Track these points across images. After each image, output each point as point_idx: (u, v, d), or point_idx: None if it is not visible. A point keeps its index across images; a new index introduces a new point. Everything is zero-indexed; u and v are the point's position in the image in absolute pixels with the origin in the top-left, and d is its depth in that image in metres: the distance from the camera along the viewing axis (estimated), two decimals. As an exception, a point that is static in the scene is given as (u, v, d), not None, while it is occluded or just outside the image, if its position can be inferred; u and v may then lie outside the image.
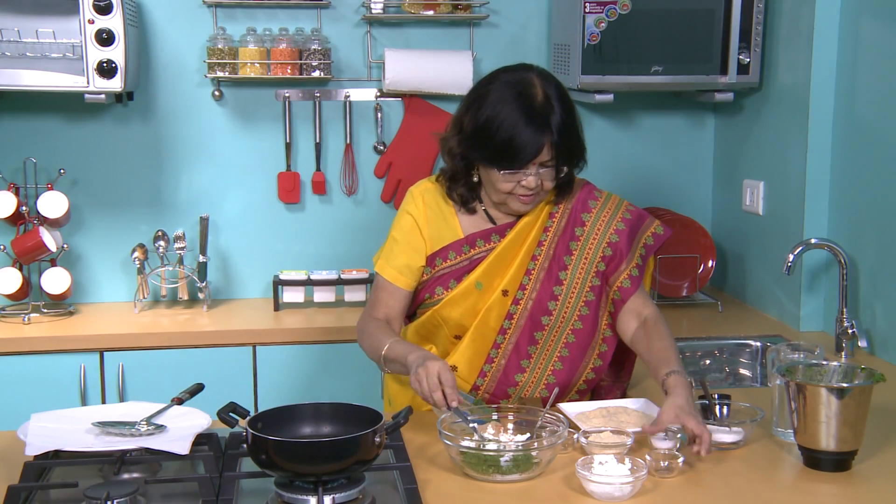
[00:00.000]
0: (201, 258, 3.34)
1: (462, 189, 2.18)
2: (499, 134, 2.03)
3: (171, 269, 3.35)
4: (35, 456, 1.83)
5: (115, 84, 3.01)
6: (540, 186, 2.09)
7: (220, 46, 3.30)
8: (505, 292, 2.18)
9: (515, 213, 2.19)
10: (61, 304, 3.32)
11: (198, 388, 2.15)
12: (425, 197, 2.23)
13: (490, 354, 2.20)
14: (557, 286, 2.18)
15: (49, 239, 3.19)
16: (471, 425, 1.91)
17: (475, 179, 2.16)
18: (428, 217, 2.21)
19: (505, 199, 2.13)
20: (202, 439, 1.93)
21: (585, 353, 2.22)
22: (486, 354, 2.20)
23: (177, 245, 3.33)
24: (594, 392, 2.32)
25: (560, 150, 2.05)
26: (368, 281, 3.34)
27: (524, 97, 2.04)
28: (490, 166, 2.08)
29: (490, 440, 1.90)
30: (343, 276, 3.35)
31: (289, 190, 3.48)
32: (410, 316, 2.34)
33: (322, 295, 3.38)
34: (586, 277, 2.19)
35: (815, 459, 1.87)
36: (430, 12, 3.39)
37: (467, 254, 2.20)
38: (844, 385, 1.83)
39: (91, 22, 2.97)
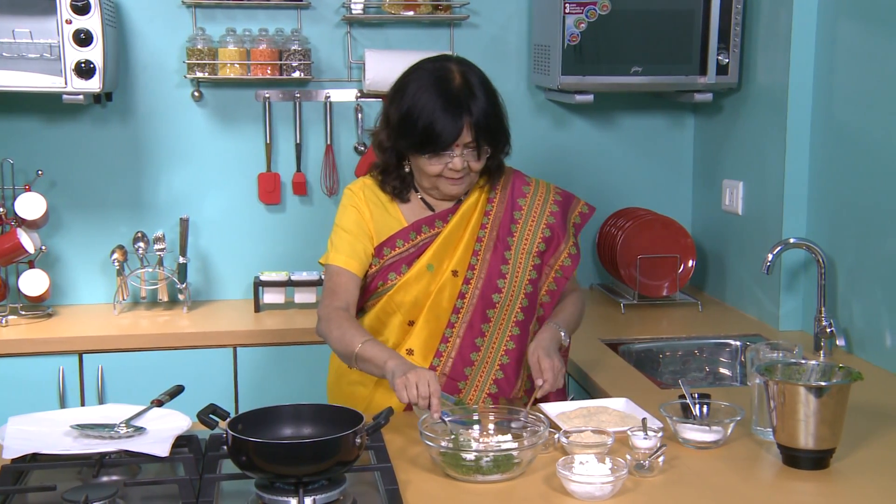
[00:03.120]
0: (181, 259, 3.32)
1: (395, 182, 2.26)
2: (420, 121, 2.12)
3: (150, 270, 3.33)
4: (13, 459, 1.82)
5: (94, 85, 2.99)
6: (467, 168, 2.17)
7: (199, 47, 3.29)
8: (455, 272, 2.25)
9: (448, 197, 2.25)
10: (39, 306, 3.30)
11: (178, 390, 2.14)
12: (365, 192, 2.29)
13: (445, 334, 2.24)
14: (504, 265, 2.26)
15: (27, 240, 3.17)
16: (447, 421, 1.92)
17: (406, 170, 2.24)
18: (371, 210, 2.27)
19: (435, 182, 2.20)
20: (182, 441, 1.93)
21: (531, 332, 2.29)
22: (441, 335, 2.24)
23: (156, 246, 3.32)
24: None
25: (480, 130, 2.13)
26: (349, 282, 3.33)
27: (442, 82, 2.13)
28: (416, 153, 2.17)
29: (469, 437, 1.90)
30: (324, 278, 3.34)
31: (269, 191, 3.47)
32: (360, 310, 2.35)
33: (303, 296, 3.38)
34: (528, 258, 2.27)
35: (793, 458, 1.89)
36: (411, 13, 3.39)
37: (414, 240, 2.26)
38: (823, 384, 1.85)
39: (69, 22, 2.95)
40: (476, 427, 1.98)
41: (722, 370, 3.00)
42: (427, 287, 2.24)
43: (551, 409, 2.14)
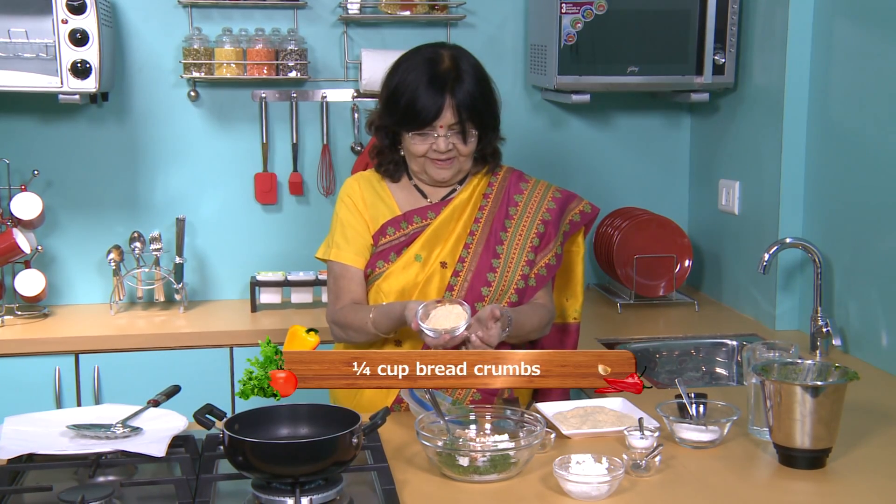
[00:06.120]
0: (178, 259, 3.32)
1: (389, 165, 2.30)
2: (403, 97, 2.17)
3: (147, 270, 3.33)
4: (9, 459, 1.82)
5: (90, 84, 2.99)
6: (455, 151, 2.20)
7: (195, 47, 3.29)
8: (444, 264, 2.27)
9: (437, 181, 2.26)
10: (36, 307, 3.30)
11: (174, 390, 2.14)
12: (360, 182, 2.34)
13: None
14: (495, 259, 2.27)
15: (23, 240, 3.16)
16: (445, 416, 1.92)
17: (401, 154, 2.28)
18: (365, 199, 2.31)
19: (423, 165, 2.23)
20: (178, 441, 1.93)
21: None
22: None
23: (153, 246, 3.31)
24: None
25: (464, 110, 2.16)
26: (346, 282, 3.33)
27: (430, 63, 2.18)
28: (401, 130, 2.21)
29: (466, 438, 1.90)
30: (320, 277, 3.34)
31: (265, 191, 3.47)
32: None
33: (299, 296, 3.37)
34: (521, 253, 2.28)
35: (790, 457, 1.89)
36: (407, 13, 3.39)
37: (405, 230, 2.28)
38: (819, 383, 1.85)
39: (64, 22, 2.95)
40: (473, 427, 1.98)
41: (718, 370, 3.00)
42: (415, 277, 2.26)
43: (548, 408, 2.14)
